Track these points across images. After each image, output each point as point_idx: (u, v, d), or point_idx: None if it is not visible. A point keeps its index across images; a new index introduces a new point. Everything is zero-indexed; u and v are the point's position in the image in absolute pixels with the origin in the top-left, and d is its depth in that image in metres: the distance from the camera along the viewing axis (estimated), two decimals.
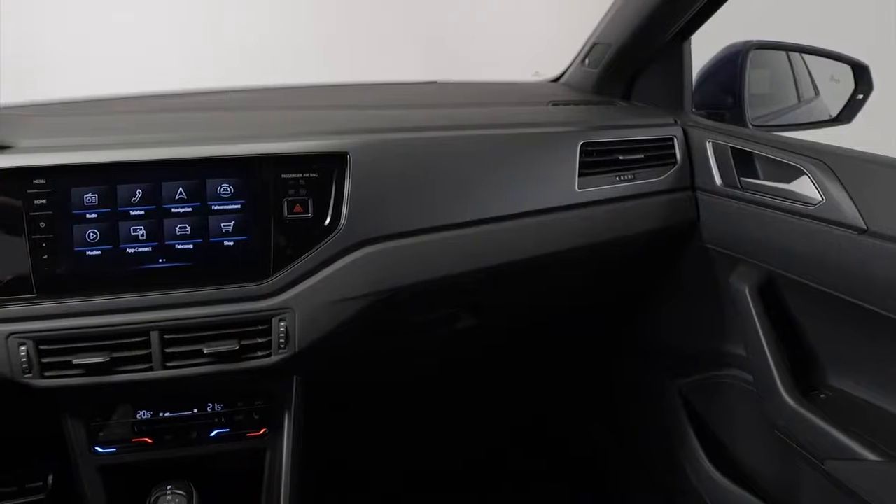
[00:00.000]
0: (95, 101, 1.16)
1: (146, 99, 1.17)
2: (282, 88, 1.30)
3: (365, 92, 1.38)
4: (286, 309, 0.93)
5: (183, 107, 1.12)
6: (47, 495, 1.34)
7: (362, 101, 1.23)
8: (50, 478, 1.35)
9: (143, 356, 0.90)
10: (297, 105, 1.14)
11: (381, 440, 1.46)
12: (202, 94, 1.20)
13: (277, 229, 0.94)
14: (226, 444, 0.99)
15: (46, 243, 0.91)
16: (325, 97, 1.29)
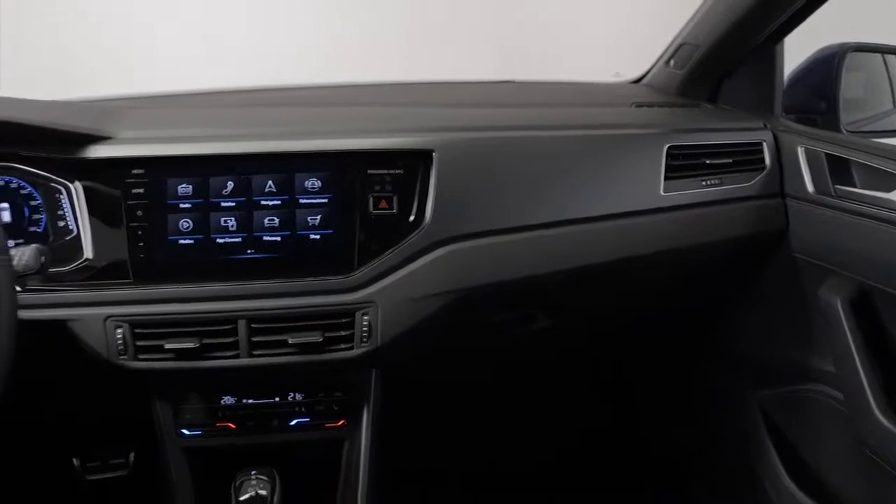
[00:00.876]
0: (189, 95, 1.20)
1: (236, 94, 1.21)
2: (364, 85, 1.32)
3: (444, 90, 1.39)
4: (369, 303, 0.94)
5: (271, 102, 1.15)
6: (129, 472, 1.40)
7: (443, 99, 1.23)
8: (132, 455, 1.41)
9: (231, 344, 0.93)
10: (380, 102, 1.16)
11: (455, 439, 1.46)
12: (288, 89, 1.23)
13: (362, 224, 0.95)
14: (305, 433, 1.01)
15: (142, 231, 0.95)
16: (407, 94, 1.30)
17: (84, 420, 1.27)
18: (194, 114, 1.06)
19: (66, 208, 0.97)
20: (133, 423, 1.36)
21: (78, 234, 0.96)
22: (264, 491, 0.89)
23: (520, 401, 1.52)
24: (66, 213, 0.97)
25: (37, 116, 0.92)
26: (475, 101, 1.24)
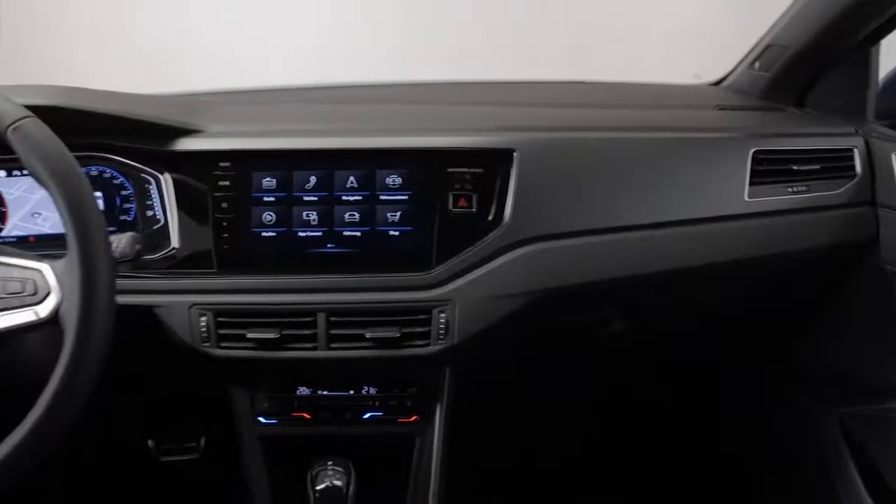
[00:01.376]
0: (271, 91, 1.23)
1: (316, 90, 1.23)
2: (441, 84, 1.32)
3: (519, 89, 1.38)
4: (447, 301, 0.94)
5: (352, 99, 1.17)
6: (199, 455, 1.45)
7: (520, 99, 1.23)
8: (203, 440, 1.46)
9: (310, 336, 0.94)
10: (459, 100, 1.16)
11: (525, 439, 1.46)
12: (367, 87, 1.25)
13: (442, 222, 0.96)
14: (377, 427, 1.01)
15: (227, 223, 0.97)
16: (484, 93, 1.30)
17: (161, 403, 1.31)
18: (279, 109, 1.08)
19: (155, 198, 1.00)
20: (207, 409, 1.40)
21: (165, 224, 0.99)
22: (339, 482, 0.90)
23: (589, 404, 1.50)
24: (154, 203, 1.00)
25: (132, 109, 0.96)
26: (552, 101, 1.23)
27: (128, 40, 2.43)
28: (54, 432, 0.71)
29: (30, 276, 0.74)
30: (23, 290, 0.73)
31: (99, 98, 0.96)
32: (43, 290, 0.72)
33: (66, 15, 2.46)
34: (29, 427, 0.70)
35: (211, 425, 1.44)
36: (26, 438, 0.70)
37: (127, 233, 0.92)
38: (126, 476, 1.52)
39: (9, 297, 0.73)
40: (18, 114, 0.72)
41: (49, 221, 1.05)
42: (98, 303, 0.71)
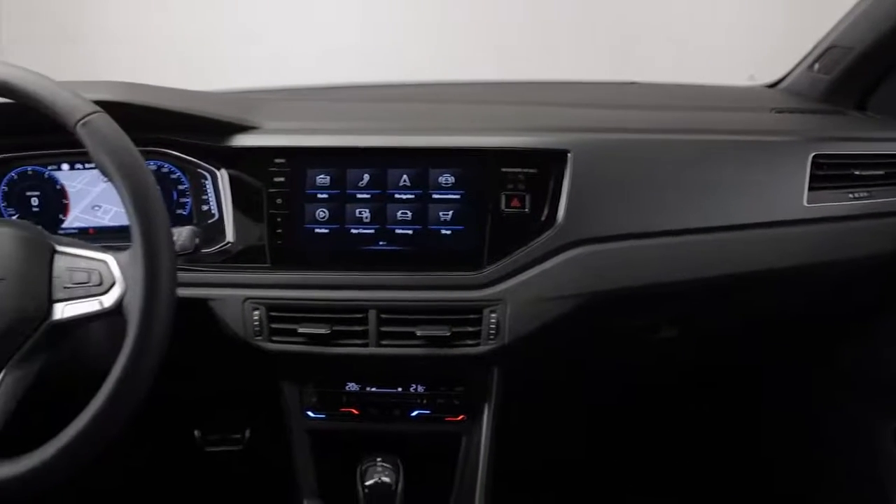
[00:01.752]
0: (324, 89, 1.24)
1: (371, 88, 1.23)
2: (491, 83, 1.32)
3: (570, 90, 1.37)
4: (498, 301, 0.94)
5: (404, 97, 1.17)
6: (244, 447, 1.47)
7: (572, 99, 1.22)
8: (247, 432, 1.48)
9: (361, 332, 0.95)
10: (511, 100, 1.16)
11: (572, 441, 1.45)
12: (418, 85, 1.25)
13: (494, 222, 0.96)
14: (425, 425, 1.02)
15: (281, 218, 0.98)
16: (535, 93, 1.30)
17: (209, 394, 1.33)
18: (333, 107, 1.09)
19: (210, 193, 1.02)
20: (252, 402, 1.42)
21: (220, 219, 1.01)
22: (388, 479, 0.90)
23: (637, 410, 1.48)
24: (209, 197, 1.02)
25: (191, 105, 0.97)
26: (605, 101, 1.22)
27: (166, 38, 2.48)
28: (117, 419, 0.72)
29: (95, 267, 0.75)
30: (88, 281, 0.75)
31: (160, 94, 0.98)
32: (108, 281, 0.74)
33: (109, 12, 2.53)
34: (92, 414, 0.71)
35: (256, 418, 1.46)
36: (89, 425, 0.71)
37: (187, 226, 0.94)
38: (171, 463, 1.55)
39: (75, 286, 0.75)
40: (87, 109, 0.74)
41: (109, 214, 1.08)
42: (160, 294, 0.72)
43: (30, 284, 0.74)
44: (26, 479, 0.71)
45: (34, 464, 0.71)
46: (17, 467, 0.71)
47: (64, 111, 0.73)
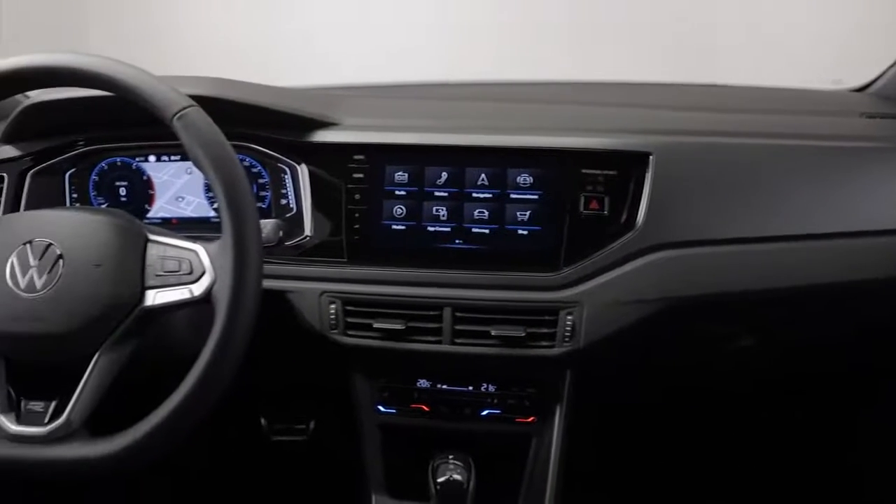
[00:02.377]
0: (403, 86, 1.25)
1: (447, 87, 1.24)
2: (568, 83, 1.31)
3: (649, 91, 1.35)
4: (575, 303, 0.93)
5: (481, 96, 1.17)
6: (308, 437, 1.50)
7: (653, 101, 1.19)
8: (312, 423, 1.50)
9: (435, 329, 0.95)
10: (590, 101, 1.14)
11: (644, 446, 1.42)
12: (496, 84, 1.25)
13: (571, 223, 0.95)
14: (495, 425, 1.01)
15: (359, 214, 0.99)
16: (614, 95, 1.28)
17: (278, 385, 1.36)
18: (411, 104, 1.10)
19: (289, 188, 1.04)
20: (319, 393, 1.45)
21: (299, 213, 1.03)
22: (459, 476, 0.90)
23: (713, 414, 1.44)
24: (288, 192, 1.04)
25: (276, 101, 0.99)
26: (686, 103, 1.19)
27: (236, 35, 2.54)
28: (204, 403, 0.74)
29: (186, 256, 0.78)
30: (179, 269, 0.77)
31: (247, 90, 1.00)
32: (198, 270, 0.76)
33: (177, 8, 2.60)
34: (181, 397, 0.74)
35: (321, 410, 1.48)
36: (179, 408, 0.74)
37: (272, 219, 0.96)
38: (238, 450, 1.59)
39: (167, 274, 0.77)
40: (183, 103, 0.76)
41: (191, 206, 1.11)
42: (248, 284, 0.74)
43: (125, 271, 0.77)
44: (119, 458, 0.74)
45: (126, 443, 0.74)
46: (110, 446, 0.74)
47: (161, 105, 0.76)
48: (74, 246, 0.77)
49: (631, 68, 1.96)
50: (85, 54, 0.78)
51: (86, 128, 1.06)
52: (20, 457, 0.75)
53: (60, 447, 0.75)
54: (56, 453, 0.75)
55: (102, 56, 0.78)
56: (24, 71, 0.78)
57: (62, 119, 1.04)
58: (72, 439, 0.75)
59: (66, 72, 0.77)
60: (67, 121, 1.05)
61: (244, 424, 1.51)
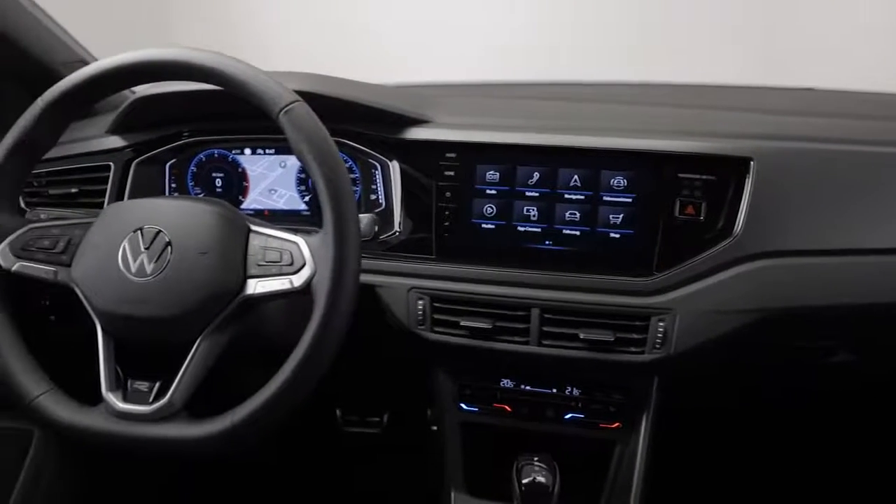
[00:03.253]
0: (492, 86, 1.25)
1: (537, 86, 1.23)
2: (659, 85, 1.28)
3: (744, 94, 1.31)
4: (668, 310, 0.91)
5: (574, 96, 1.16)
6: (381, 430, 1.51)
7: (749, 104, 1.16)
8: (385, 417, 1.52)
9: (522, 330, 0.95)
10: (684, 104, 1.11)
11: (732, 458, 1.39)
12: (589, 85, 1.23)
13: (665, 228, 0.93)
14: (577, 429, 1.00)
15: (449, 212, 1.00)
16: (709, 97, 1.24)
17: (359, 378, 1.38)
18: (503, 104, 1.10)
19: (379, 183, 1.05)
20: (393, 388, 1.46)
21: (388, 209, 1.04)
22: (544, 479, 0.90)
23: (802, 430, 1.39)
24: (378, 187, 1.05)
25: (372, 98, 1.01)
26: (784, 108, 1.15)
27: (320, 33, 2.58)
28: (300, 392, 0.76)
29: (287, 248, 0.79)
30: (280, 260, 0.79)
31: (343, 86, 1.02)
32: (298, 262, 0.78)
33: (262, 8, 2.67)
34: (279, 384, 0.75)
35: (396, 404, 1.50)
36: (276, 395, 0.75)
37: (368, 214, 0.97)
38: (311, 439, 1.62)
39: (268, 264, 0.79)
40: (290, 98, 0.78)
41: (283, 198, 1.14)
42: (347, 277, 0.76)
43: (228, 260, 0.79)
44: (218, 440, 0.76)
45: (225, 426, 0.76)
46: (210, 428, 0.76)
47: (269, 99, 0.77)
48: (182, 234, 0.80)
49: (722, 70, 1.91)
50: (197, 50, 0.81)
51: (189, 120, 1.10)
52: (126, 433, 0.78)
53: (163, 426, 0.78)
54: (159, 432, 0.78)
55: (214, 51, 0.81)
56: (141, 65, 0.81)
57: (168, 112, 1.08)
58: (174, 419, 0.78)
59: (181, 67, 0.80)
60: (173, 114, 1.09)
61: (319, 414, 1.54)
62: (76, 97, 0.84)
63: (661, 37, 2.05)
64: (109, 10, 1.90)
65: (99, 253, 0.82)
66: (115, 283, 0.80)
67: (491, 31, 2.24)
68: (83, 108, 0.87)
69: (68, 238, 0.85)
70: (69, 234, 0.85)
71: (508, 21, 2.23)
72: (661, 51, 2.02)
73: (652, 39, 2.05)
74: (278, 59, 0.88)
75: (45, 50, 1.14)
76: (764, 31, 2.03)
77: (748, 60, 1.97)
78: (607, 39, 2.08)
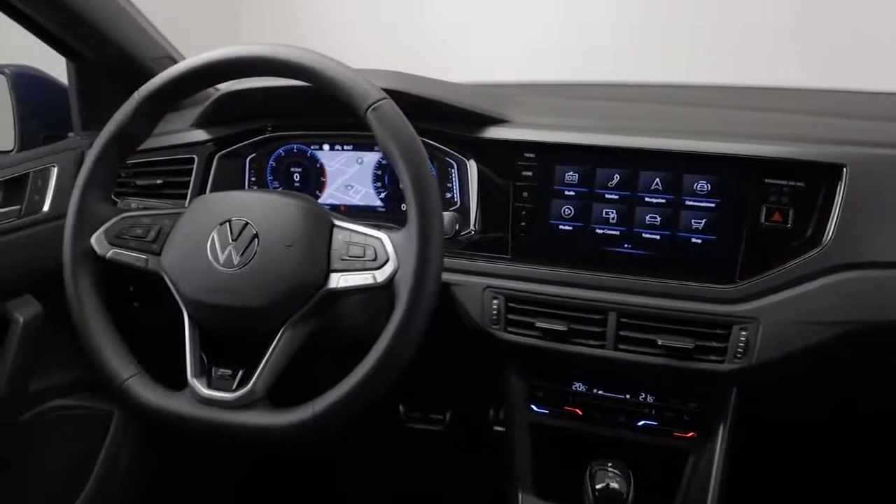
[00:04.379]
0: (565, 85, 1.23)
1: (616, 87, 1.21)
2: (743, 88, 1.25)
3: (832, 98, 1.26)
4: (751, 319, 0.89)
5: (654, 98, 1.14)
6: (443, 428, 1.52)
7: (839, 109, 1.12)
8: (448, 415, 1.52)
9: (598, 334, 0.94)
10: (771, 107, 1.08)
11: (806, 469, 1.34)
12: (669, 87, 1.21)
13: (750, 235, 0.90)
14: (650, 437, 0.99)
15: (526, 212, 1.00)
16: (794, 101, 1.20)
17: (427, 374, 1.38)
18: (581, 104, 1.09)
19: (455, 182, 1.05)
20: (458, 386, 1.46)
21: (463, 207, 1.04)
22: (618, 485, 0.89)
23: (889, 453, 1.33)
24: (453, 186, 1.06)
25: (452, 97, 1.01)
26: (877, 113, 1.11)
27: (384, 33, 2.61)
28: (379, 386, 0.77)
29: (370, 243, 0.80)
30: (363, 255, 0.80)
31: (428, 85, 1.02)
32: (382, 257, 0.79)
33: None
34: (360, 377, 0.77)
35: (459, 402, 1.50)
36: (356, 387, 0.77)
37: (450, 212, 0.98)
38: (373, 433, 1.64)
39: (352, 259, 0.80)
40: (378, 95, 0.78)
41: (359, 194, 1.15)
42: (430, 274, 0.76)
43: (313, 253, 0.81)
44: (297, 430, 0.78)
45: (305, 416, 0.78)
46: (290, 417, 0.78)
47: (357, 96, 0.78)
48: (268, 226, 0.82)
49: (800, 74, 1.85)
50: (288, 46, 0.82)
51: (272, 116, 1.13)
52: (210, 419, 0.80)
53: (245, 414, 0.80)
54: (241, 419, 0.79)
55: (303, 48, 0.82)
56: (235, 62, 0.83)
57: (251, 107, 1.11)
58: (255, 407, 0.80)
59: (273, 63, 0.81)
60: (256, 109, 1.11)
61: (382, 408, 1.55)
62: (171, 92, 0.86)
63: (715, 38, 2.00)
64: (182, 11, 1.96)
65: (188, 243, 0.84)
66: (203, 273, 0.82)
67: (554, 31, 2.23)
68: (176, 102, 0.90)
69: (159, 227, 0.87)
70: (160, 223, 0.88)
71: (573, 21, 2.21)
72: (720, 53, 1.96)
73: (721, 41, 2.00)
74: (343, 59, 0.89)
75: (137, 46, 1.19)
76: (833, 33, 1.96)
77: (813, 63, 1.90)
78: (665, 40, 2.04)
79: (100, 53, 1.17)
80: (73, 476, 1.27)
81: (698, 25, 2.05)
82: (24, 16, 1.08)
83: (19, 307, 1.09)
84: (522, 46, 2.28)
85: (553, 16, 2.27)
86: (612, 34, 2.14)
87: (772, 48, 1.96)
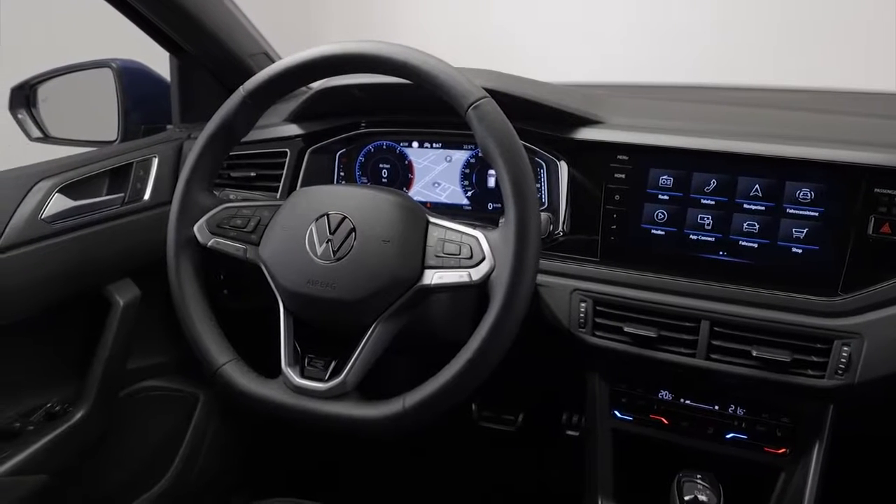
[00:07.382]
0: (657, 87, 1.21)
1: (706, 90, 1.18)
2: (844, 93, 1.19)
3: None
4: (854, 334, 0.85)
5: (752, 102, 1.10)
6: (515, 430, 1.51)
7: None
8: (520, 417, 1.52)
9: (689, 342, 0.92)
10: (876, 113, 1.03)
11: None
12: (765, 90, 1.17)
13: (856, 246, 0.87)
14: (739, 450, 0.96)
15: (617, 215, 0.98)
16: None
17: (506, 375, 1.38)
18: (676, 106, 1.06)
19: (543, 182, 1.05)
20: (534, 388, 1.46)
21: (552, 208, 1.04)
22: (706, 498, 0.86)
23: None
24: (542, 186, 1.05)
25: (545, 96, 1.00)
26: None
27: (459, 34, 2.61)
28: (468, 386, 0.77)
29: (466, 242, 0.80)
30: (459, 253, 0.80)
31: (526, 85, 1.02)
32: (477, 256, 0.79)
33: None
34: (451, 375, 0.77)
35: (532, 405, 1.49)
36: (446, 385, 0.77)
37: (545, 212, 0.97)
38: (445, 429, 1.64)
39: (446, 256, 0.80)
40: (479, 94, 0.78)
41: (446, 192, 1.16)
42: (526, 274, 0.76)
43: (408, 249, 0.81)
44: (388, 423, 0.78)
45: (395, 410, 0.78)
46: (380, 410, 0.79)
47: (459, 95, 0.78)
48: (366, 221, 0.83)
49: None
50: (390, 44, 0.83)
51: (363, 112, 1.14)
52: (302, 407, 0.82)
53: (336, 404, 0.81)
54: (333, 409, 0.81)
55: (405, 45, 0.83)
56: (337, 58, 0.84)
57: (345, 103, 1.13)
58: (346, 399, 0.81)
59: (374, 60, 0.82)
60: (349, 105, 1.13)
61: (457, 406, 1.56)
62: (275, 87, 0.88)
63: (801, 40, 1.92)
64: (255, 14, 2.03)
65: (287, 235, 0.86)
66: (300, 265, 0.83)
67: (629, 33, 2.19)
68: (278, 97, 0.92)
69: (258, 218, 0.90)
70: (259, 214, 0.90)
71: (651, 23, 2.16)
72: (810, 55, 1.88)
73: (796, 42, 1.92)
74: None
75: (237, 42, 1.22)
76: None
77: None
78: (754, 41, 1.97)
79: (202, 48, 1.21)
80: (163, 452, 1.32)
81: (786, 21, 1.98)
82: (137, 13, 1.13)
83: (119, 290, 1.14)
84: (598, 47, 2.25)
85: (629, 16, 2.23)
86: (692, 36, 2.09)
87: (869, 48, 1.88)
